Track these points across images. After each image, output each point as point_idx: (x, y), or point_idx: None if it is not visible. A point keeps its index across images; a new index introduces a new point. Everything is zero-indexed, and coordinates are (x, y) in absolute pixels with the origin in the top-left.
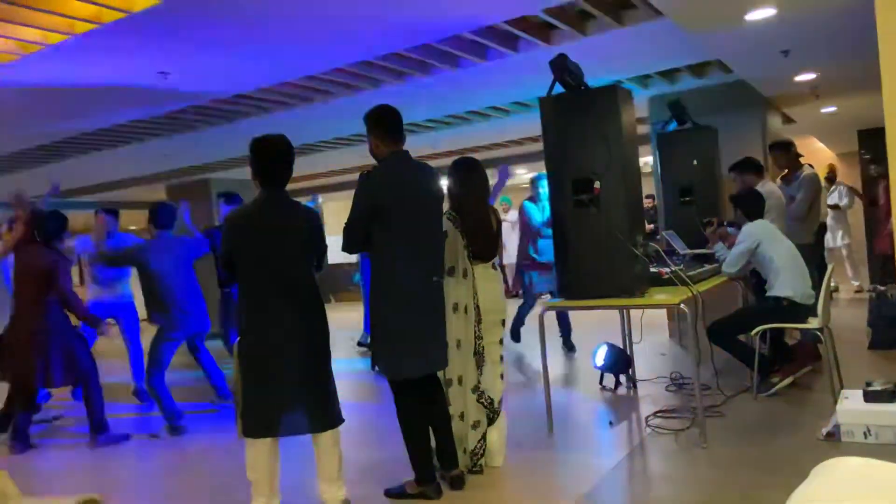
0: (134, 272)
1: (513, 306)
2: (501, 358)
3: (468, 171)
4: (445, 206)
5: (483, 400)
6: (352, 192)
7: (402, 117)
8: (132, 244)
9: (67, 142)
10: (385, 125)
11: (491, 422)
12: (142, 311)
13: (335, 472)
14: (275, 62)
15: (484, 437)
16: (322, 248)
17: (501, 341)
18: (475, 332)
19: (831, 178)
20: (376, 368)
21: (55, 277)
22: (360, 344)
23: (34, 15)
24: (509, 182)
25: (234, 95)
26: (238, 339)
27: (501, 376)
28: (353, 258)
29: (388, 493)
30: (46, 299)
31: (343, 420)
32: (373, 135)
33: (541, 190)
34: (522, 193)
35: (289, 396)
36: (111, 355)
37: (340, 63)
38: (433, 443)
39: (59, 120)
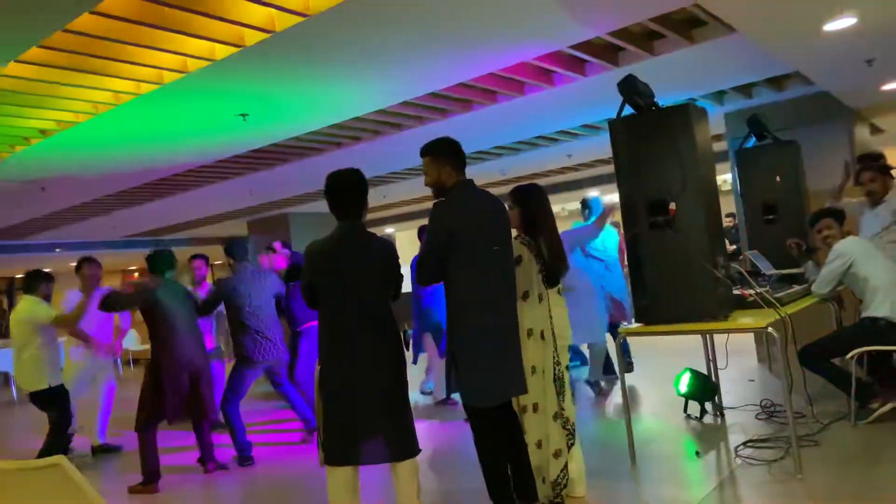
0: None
1: None
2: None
3: (539, 195)
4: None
5: (568, 426)
6: (421, 222)
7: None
8: (216, 285)
9: (162, 182)
10: (457, 155)
11: (568, 449)
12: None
13: (413, 501)
14: (349, 98)
15: (566, 466)
16: (398, 278)
17: (568, 367)
18: (554, 358)
19: None
20: (451, 397)
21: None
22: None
23: (124, 67)
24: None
25: (308, 133)
26: (319, 367)
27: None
28: None
29: None
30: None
31: (420, 450)
32: (444, 165)
33: (593, 211)
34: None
35: (368, 425)
36: None
37: (410, 96)
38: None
39: (152, 161)
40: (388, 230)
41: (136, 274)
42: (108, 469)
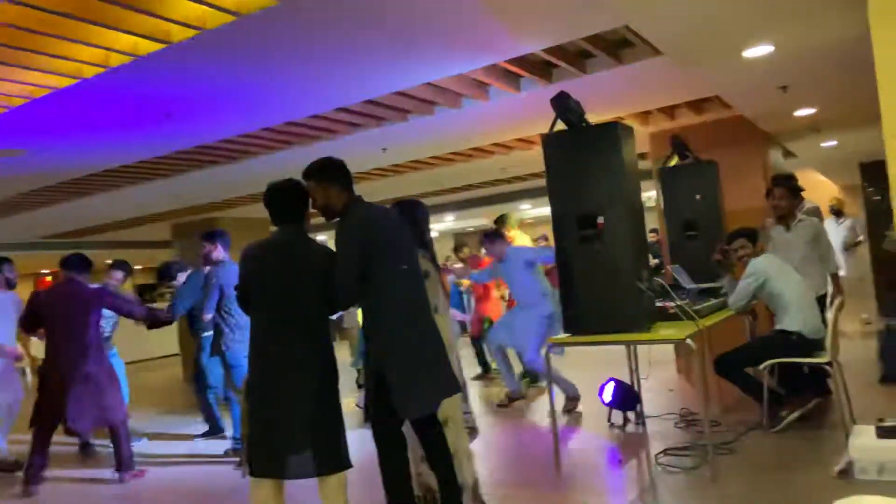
0: None
1: None
2: None
3: (425, 210)
4: None
5: (471, 423)
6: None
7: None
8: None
9: (78, 182)
10: (344, 174)
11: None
12: None
13: None
14: (282, 102)
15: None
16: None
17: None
18: (458, 364)
19: (838, 211)
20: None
21: None
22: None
23: (41, 59)
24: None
25: (239, 135)
26: (248, 376)
27: None
28: None
29: None
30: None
31: (351, 465)
32: (331, 186)
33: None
34: (526, 229)
35: (293, 437)
36: None
37: (344, 102)
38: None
39: (70, 159)
40: (321, 237)
41: (49, 278)
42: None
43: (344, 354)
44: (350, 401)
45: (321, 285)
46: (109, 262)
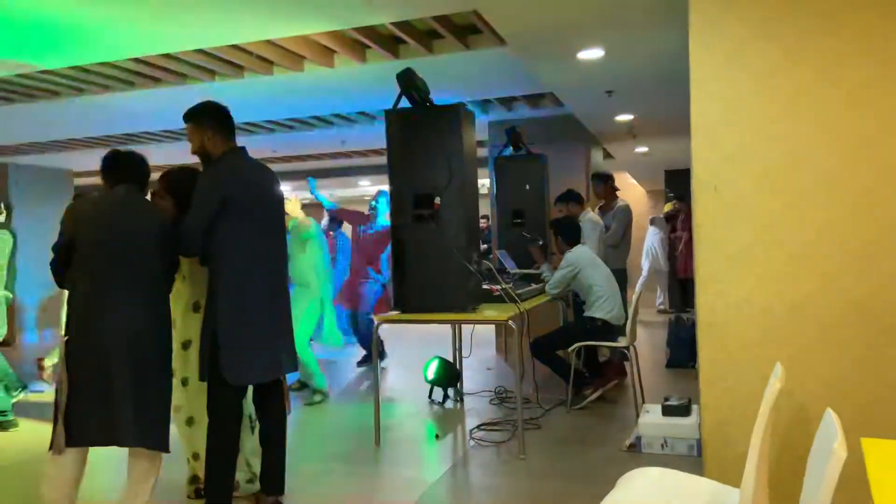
0: None
1: None
2: None
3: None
4: None
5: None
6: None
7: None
8: None
9: None
10: (223, 121)
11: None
12: None
13: (143, 500)
14: (98, 39)
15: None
16: (174, 252)
17: None
18: None
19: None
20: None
21: None
22: None
23: None
24: (351, 194)
25: (43, 72)
26: (66, 338)
27: None
28: None
29: None
30: None
31: (168, 450)
32: (208, 129)
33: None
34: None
35: (115, 406)
36: None
37: (173, 49)
38: (251, 465)
39: None
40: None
41: None
42: None
43: None
44: None
45: (159, 249)
46: None
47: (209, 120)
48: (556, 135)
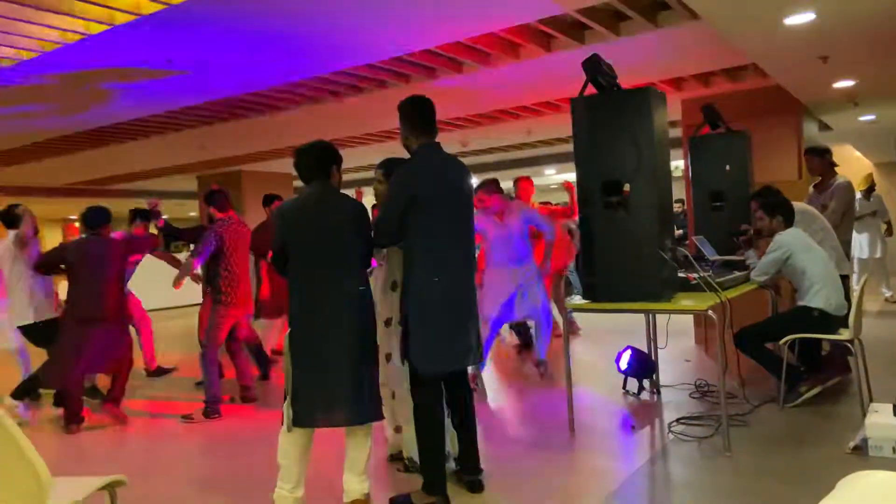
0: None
1: None
2: None
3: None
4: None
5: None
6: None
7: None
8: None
9: (103, 130)
10: (415, 116)
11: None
12: None
13: (363, 465)
14: (311, 56)
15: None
16: (370, 240)
17: None
18: None
19: (871, 188)
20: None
21: None
22: None
23: (73, 3)
24: (539, 183)
25: (269, 87)
26: (289, 330)
27: None
28: None
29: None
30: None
31: (382, 417)
32: (406, 123)
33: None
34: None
35: (333, 388)
36: None
37: (374, 59)
38: (452, 447)
39: (94, 108)
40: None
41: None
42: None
43: None
44: None
45: (358, 240)
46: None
47: (405, 114)
48: (761, 109)
